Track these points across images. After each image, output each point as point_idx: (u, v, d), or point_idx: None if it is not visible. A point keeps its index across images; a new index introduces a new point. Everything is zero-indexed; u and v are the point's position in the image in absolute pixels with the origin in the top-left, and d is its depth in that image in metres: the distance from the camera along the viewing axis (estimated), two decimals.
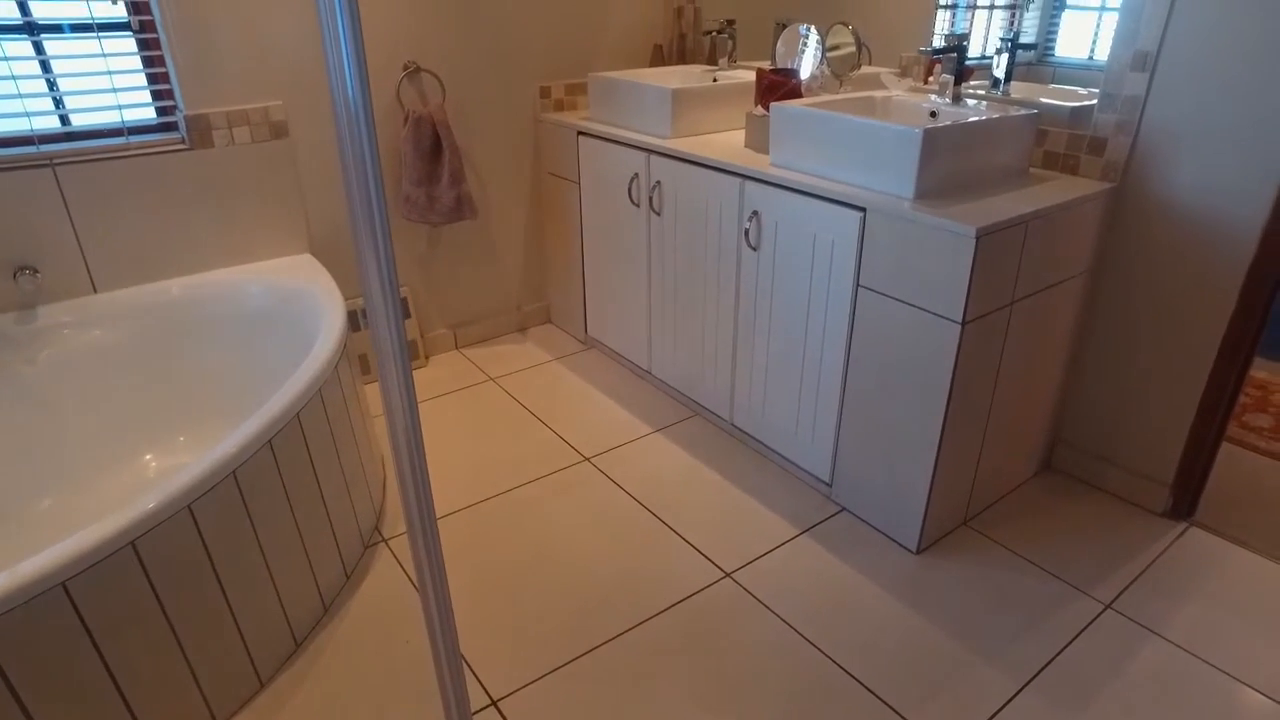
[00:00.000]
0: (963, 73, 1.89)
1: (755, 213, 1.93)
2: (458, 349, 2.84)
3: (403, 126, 2.42)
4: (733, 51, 2.58)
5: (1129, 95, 1.72)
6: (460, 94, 2.52)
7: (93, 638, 1.18)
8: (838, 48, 2.25)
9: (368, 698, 1.49)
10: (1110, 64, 1.74)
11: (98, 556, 1.16)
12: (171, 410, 2.07)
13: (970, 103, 1.91)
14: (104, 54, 1.96)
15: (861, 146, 1.71)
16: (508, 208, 2.78)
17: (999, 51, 1.93)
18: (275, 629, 1.52)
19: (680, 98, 2.18)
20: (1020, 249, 1.63)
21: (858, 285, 1.75)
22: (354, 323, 2.49)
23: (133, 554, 1.21)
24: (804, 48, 2.23)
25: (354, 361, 1.96)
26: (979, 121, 1.70)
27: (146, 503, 1.23)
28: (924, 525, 1.80)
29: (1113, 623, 1.64)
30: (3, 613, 1.07)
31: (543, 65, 2.66)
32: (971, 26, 2.01)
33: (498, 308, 2.91)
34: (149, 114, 2.07)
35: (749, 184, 1.93)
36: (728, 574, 1.78)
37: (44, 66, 1.90)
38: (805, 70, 2.21)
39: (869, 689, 1.50)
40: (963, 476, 1.84)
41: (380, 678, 1.53)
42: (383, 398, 0.77)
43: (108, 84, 1.98)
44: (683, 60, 2.87)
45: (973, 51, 2.00)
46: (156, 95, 2.07)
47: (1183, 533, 1.89)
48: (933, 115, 1.92)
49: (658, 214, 2.27)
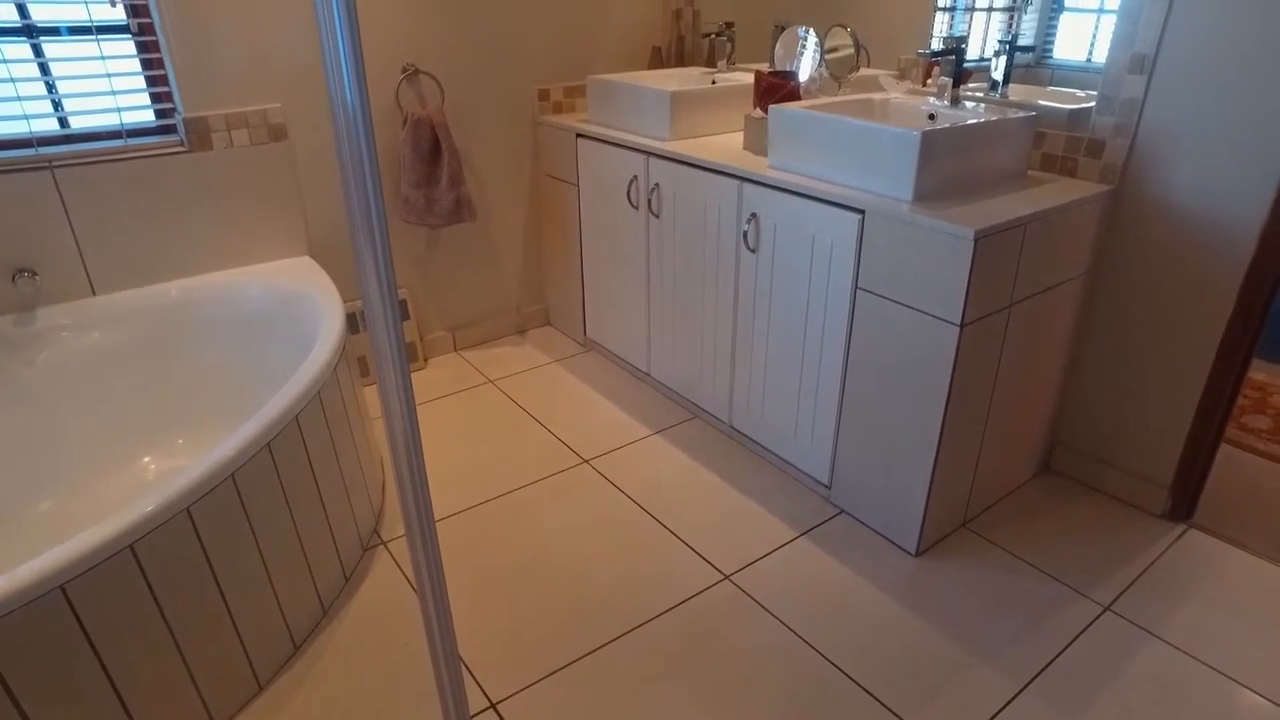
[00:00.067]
0: (961, 75, 1.90)
1: (754, 215, 1.94)
2: (456, 351, 2.84)
3: (401, 129, 2.42)
4: (731, 54, 2.58)
5: (1127, 98, 1.73)
6: (459, 96, 2.52)
7: (91, 641, 1.18)
8: (836, 50, 2.25)
9: (366, 701, 1.48)
10: (1108, 66, 1.74)
11: (96, 559, 1.16)
12: (170, 413, 2.06)
13: (969, 105, 1.91)
14: (103, 56, 1.96)
15: (860, 149, 1.71)
16: (506, 210, 2.78)
17: (997, 54, 1.94)
18: (274, 632, 1.52)
19: (679, 100, 2.18)
20: (1019, 251, 1.63)
21: (856, 287, 1.75)
22: (353, 325, 2.49)
23: (131, 557, 1.21)
24: (802, 50, 2.23)
25: (353, 364, 1.96)
26: (977, 124, 1.70)
27: (145, 505, 1.23)
28: (923, 527, 1.80)
29: (1112, 625, 1.64)
30: (1, 616, 1.07)
31: (542, 68, 2.66)
32: (970, 29, 2.02)
33: (497, 310, 2.91)
34: (148, 116, 2.07)
35: (747, 186, 1.93)
36: (727, 576, 1.78)
37: (43, 69, 1.90)
38: (804, 73, 2.21)
39: (868, 691, 1.50)
40: (961, 479, 1.84)
41: (379, 680, 1.53)
42: (381, 400, 0.77)
43: (107, 86, 1.98)
44: (681, 63, 2.87)
45: (971, 54, 2.01)
46: (155, 98, 2.07)
47: (1181, 534, 1.89)
48: (931, 118, 1.92)
49: (656, 216, 2.27)
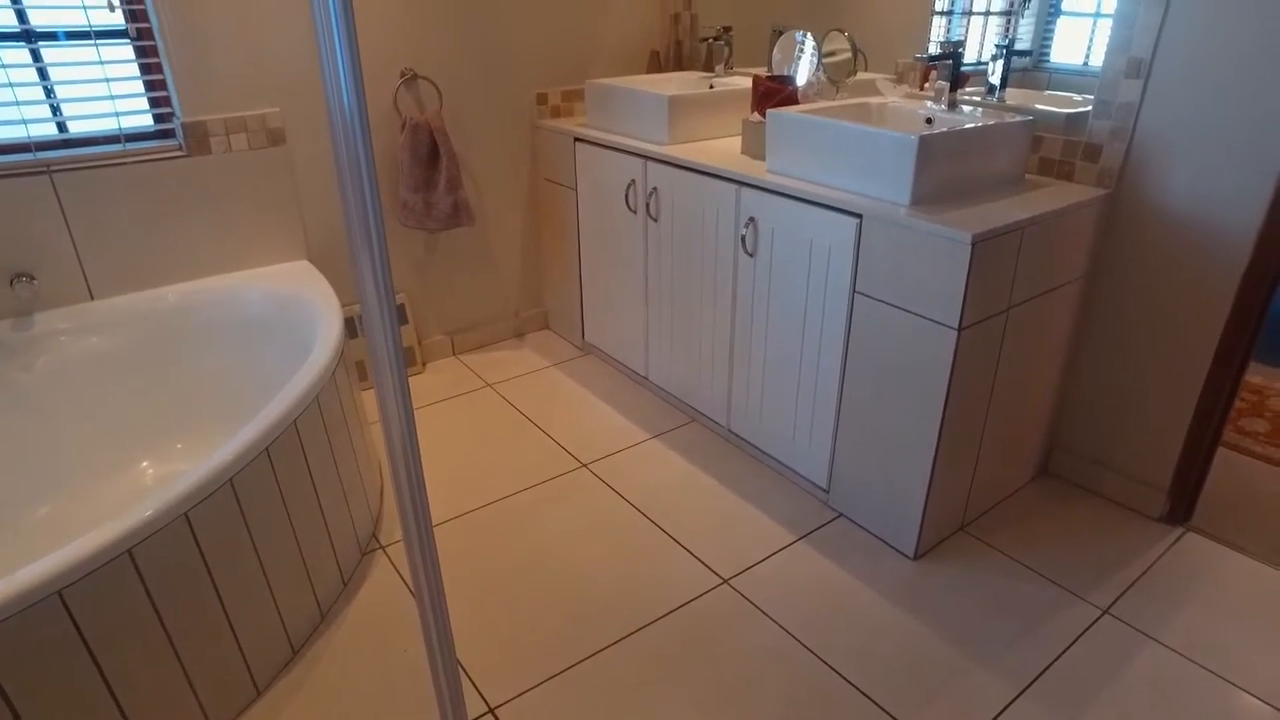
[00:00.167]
0: (958, 79, 1.90)
1: (752, 219, 1.94)
2: (455, 355, 2.84)
3: (400, 133, 2.42)
4: (729, 58, 2.59)
5: (1123, 102, 1.73)
6: (457, 101, 2.53)
7: (89, 647, 1.18)
8: (834, 54, 2.26)
9: (365, 705, 1.48)
10: (1105, 71, 1.74)
11: (94, 565, 1.16)
12: (169, 417, 2.06)
13: (966, 109, 1.91)
14: (101, 61, 1.96)
15: (857, 153, 1.72)
16: (505, 214, 2.79)
17: (994, 58, 1.94)
18: (272, 637, 1.52)
19: (677, 104, 2.19)
20: (1016, 255, 1.63)
21: (854, 291, 1.76)
22: (351, 329, 2.49)
23: (129, 562, 1.21)
24: (800, 54, 2.24)
25: (351, 368, 1.96)
26: (974, 128, 1.70)
27: (143, 511, 1.23)
28: (921, 531, 1.80)
29: (1109, 628, 1.64)
30: None
31: (540, 72, 2.66)
32: (967, 33, 2.02)
33: (495, 314, 2.92)
34: (146, 121, 2.07)
35: (745, 190, 1.94)
36: (725, 580, 1.78)
37: (41, 74, 1.90)
38: (801, 77, 2.22)
39: (866, 695, 1.50)
40: (959, 482, 1.84)
41: (377, 685, 1.52)
42: (379, 404, 0.77)
43: (105, 91, 1.98)
44: (679, 67, 2.88)
45: (968, 58, 2.01)
46: (154, 102, 2.07)
47: (1179, 538, 1.89)
48: (928, 122, 1.92)
49: (654, 220, 2.27)
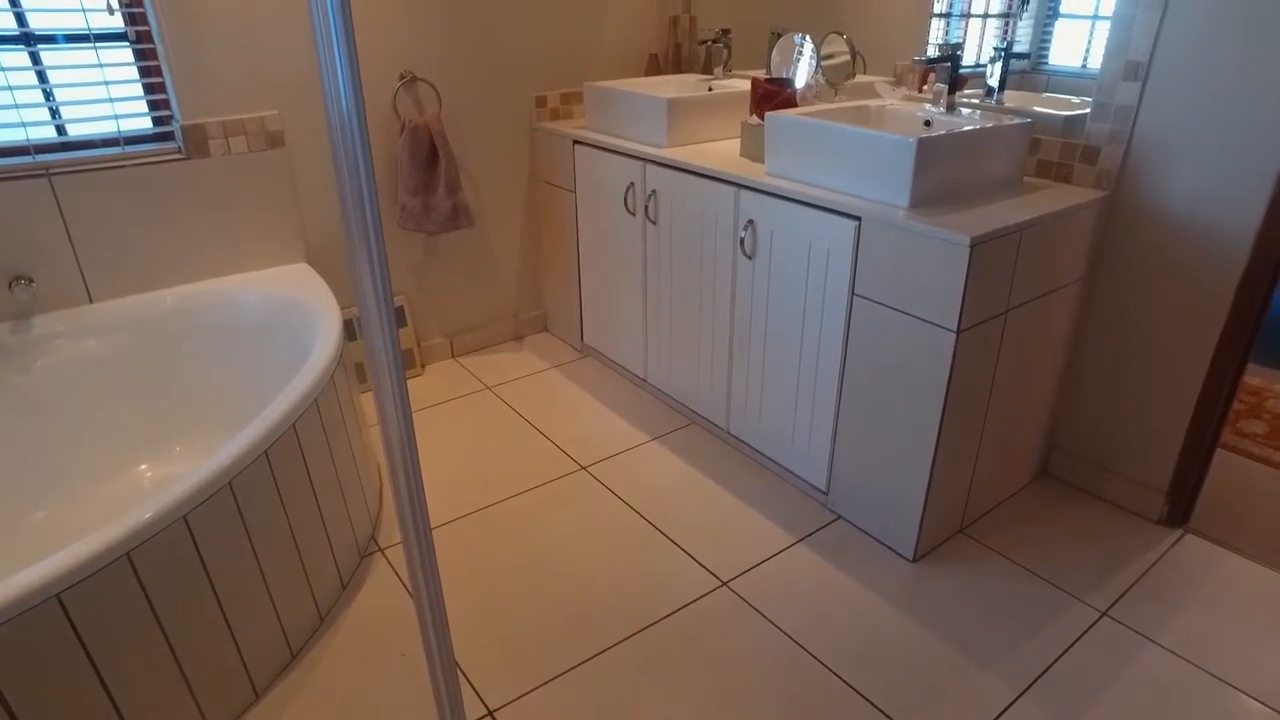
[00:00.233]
0: (957, 81, 1.91)
1: (750, 221, 1.94)
2: (454, 357, 2.84)
3: (399, 136, 2.42)
4: (728, 61, 2.59)
5: (1121, 104, 1.73)
6: (456, 103, 2.53)
7: (87, 650, 1.18)
8: (832, 57, 2.26)
9: (364, 708, 1.48)
10: (1103, 73, 1.75)
11: (93, 568, 1.16)
12: (167, 420, 2.06)
13: (964, 111, 1.92)
14: (100, 64, 1.96)
15: (856, 155, 1.72)
16: (504, 216, 2.79)
17: (993, 60, 1.95)
18: (271, 640, 1.52)
19: (675, 107, 2.19)
20: (1014, 257, 1.63)
21: (853, 294, 1.76)
22: (350, 332, 2.49)
23: (128, 565, 1.21)
24: (799, 57, 2.24)
25: (350, 371, 1.96)
26: (973, 130, 1.71)
27: (142, 514, 1.23)
28: (920, 533, 1.80)
29: (1109, 630, 1.64)
30: None
31: (539, 74, 2.67)
32: (965, 36, 2.03)
33: (494, 316, 2.92)
34: (145, 124, 2.07)
35: (744, 193, 1.94)
36: (724, 583, 1.78)
37: (40, 77, 1.90)
38: (800, 79, 2.22)
39: (865, 697, 1.50)
40: (958, 484, 1.84)
41: (376, 688, 1.52)
42: (377, 407, 0.77)
43: (104, 94, 1.98)
44: (678, 69, 2.88)
45: (967, 60, 2.02)
46: (153, 105, 2.07)
47: (1178, 539, 1.89)
48: (927, 124, 1.93)
49: (653, 223, 2.27)
